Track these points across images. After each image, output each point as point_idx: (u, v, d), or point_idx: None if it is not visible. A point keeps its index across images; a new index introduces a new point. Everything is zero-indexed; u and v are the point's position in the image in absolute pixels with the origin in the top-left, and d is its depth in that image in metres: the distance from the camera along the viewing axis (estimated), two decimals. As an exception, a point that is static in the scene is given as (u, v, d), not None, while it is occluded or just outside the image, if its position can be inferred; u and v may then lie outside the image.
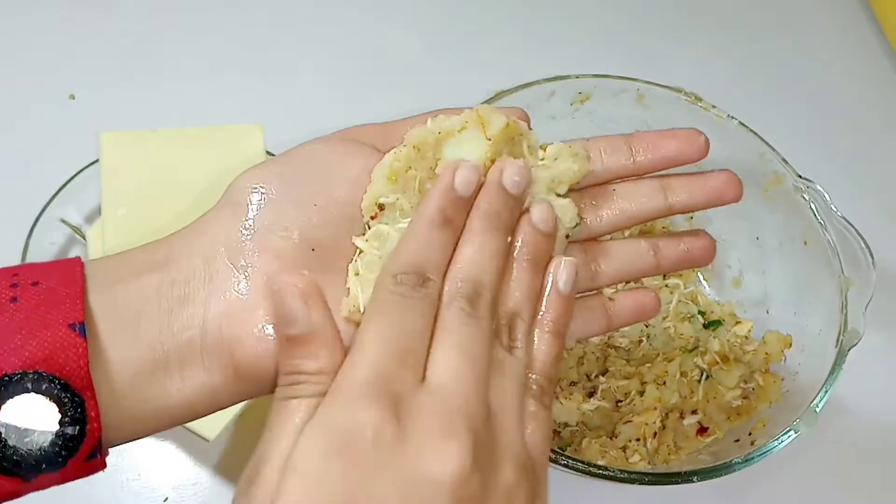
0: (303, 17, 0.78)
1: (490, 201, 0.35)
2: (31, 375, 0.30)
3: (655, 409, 0.54)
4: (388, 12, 0.80)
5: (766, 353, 0.57)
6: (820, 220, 0.57)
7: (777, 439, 0.50)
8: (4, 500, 0.31)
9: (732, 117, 0.61)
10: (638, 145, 0.39)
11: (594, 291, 0.39)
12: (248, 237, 0.34)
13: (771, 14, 0.87)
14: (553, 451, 0.48)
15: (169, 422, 0.34)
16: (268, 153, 0.59)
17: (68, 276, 0.32)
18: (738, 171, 0.62)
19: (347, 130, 0.38)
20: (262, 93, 0.74)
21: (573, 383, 0.56)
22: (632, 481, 0.49)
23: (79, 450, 0.31)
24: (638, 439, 0.53)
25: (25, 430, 0.30)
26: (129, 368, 0.32)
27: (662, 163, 0.39)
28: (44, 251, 0.59)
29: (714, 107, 0.61)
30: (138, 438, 0.34)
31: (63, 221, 0.61)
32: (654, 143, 0.39)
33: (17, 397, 0.30)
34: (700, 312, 0.62)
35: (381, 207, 0.35)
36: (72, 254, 0.61)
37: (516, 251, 0.35)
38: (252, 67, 0.75)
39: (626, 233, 0.61)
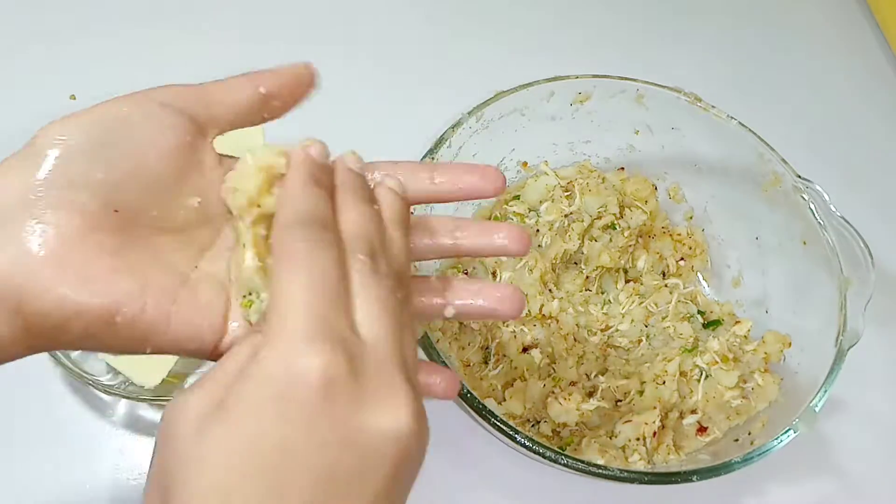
0: (302, 19, 0.78)
1: (346, 179, 0.36)
2: None
3: (655, 408, 0.54)
4: (388, 13, 0.80)
5: (766, 353, 0.57)
6: (819, 221, 0.57)
7: (776, 439, 0.50)
8: None
9: (732, 117, 0.61)
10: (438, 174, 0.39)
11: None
12: (47, 190, 0.33)
13: (771, 15, 0.87)
14: (553, 450, 0.49)
15: None
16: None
17: None
18: (737, 171, 0.63)
19: (160, 91, 0.36)
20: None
21: (573, 383, 0.56)
22: (631, 481, 0.49)
23: None
24: (637, 439, 0.53)
25: None
26: None
27: (460, 193, 0.40)
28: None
29: (714, 107, 0.61)
30: None
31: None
32: (453, 172, 0.39)
33: None
34: (699, 312, 0.62)
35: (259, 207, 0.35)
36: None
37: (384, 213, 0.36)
38: (253, 67, 0.75)
39: (625, 235, 0.61)
